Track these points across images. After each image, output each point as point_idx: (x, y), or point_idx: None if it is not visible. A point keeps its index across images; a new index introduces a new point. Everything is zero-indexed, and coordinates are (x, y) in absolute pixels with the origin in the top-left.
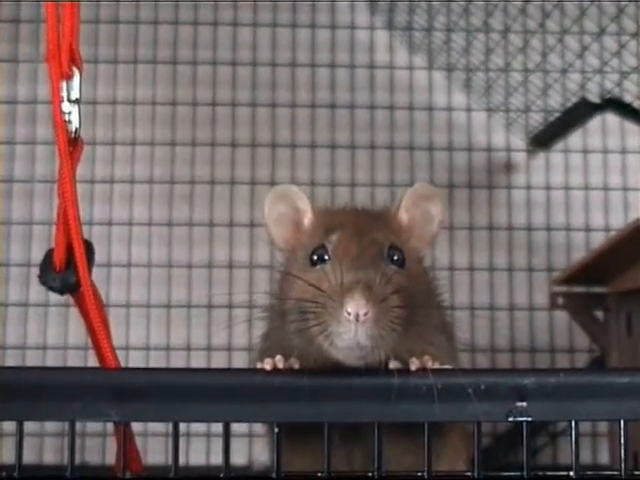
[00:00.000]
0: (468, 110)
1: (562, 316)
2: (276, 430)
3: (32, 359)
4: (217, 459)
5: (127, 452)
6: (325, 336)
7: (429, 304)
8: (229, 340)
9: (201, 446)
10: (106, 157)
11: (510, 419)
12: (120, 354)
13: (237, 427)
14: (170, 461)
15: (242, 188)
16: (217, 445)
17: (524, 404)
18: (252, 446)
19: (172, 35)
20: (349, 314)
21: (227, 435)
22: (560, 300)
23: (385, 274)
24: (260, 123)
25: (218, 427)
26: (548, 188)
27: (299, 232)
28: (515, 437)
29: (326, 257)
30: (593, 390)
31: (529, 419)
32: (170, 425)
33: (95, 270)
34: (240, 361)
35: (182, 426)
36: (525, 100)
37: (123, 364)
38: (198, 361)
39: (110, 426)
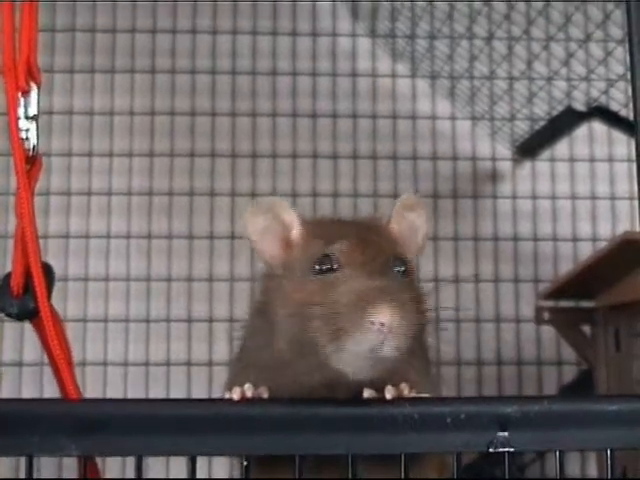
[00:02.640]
0: (452, 118)
1: (549, 328)
2: (244, 463)
3: None
4: None
5: None
6: (337, 343)
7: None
8: (210, 355)
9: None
10: (83, 168)
11: (491, 450)
12: (98, 370)
13: None
14: None
15: (222, 199)
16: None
17: (506, 434)
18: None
19: (150, 44)
20: (373, 323)
21: (193, 467)
22: (546, 315)
23: (402, 285)
24: (240, 133)
25: None
26: (534, 197)
27: (287, 245)
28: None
29: (334, 266)
30: (579, 418)
31: (511, 450)
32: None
33: (72, 284)
34: (222, 376)
35: None
36: (510, 108)
37: (101, 380)
38: (178, 377)
39: None
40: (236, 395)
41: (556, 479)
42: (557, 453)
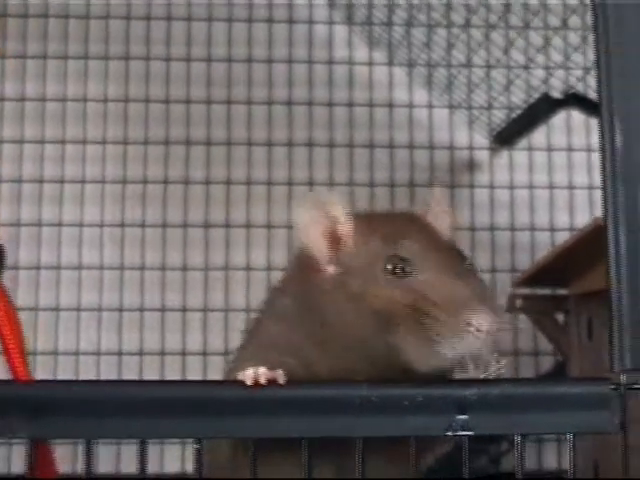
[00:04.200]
0: (430, 107)
1: (526, 318)
2: (196, 447)
3: None
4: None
5: (40, 467)
6: (431, 348)
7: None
8: (183, 345)
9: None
10: (56, 156)
11: (449, 433)
12: (70, 359)
13: None
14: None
15: (197, 188)
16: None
17: (465, 417)
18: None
19: (124, 30)
20: (475, 328)
21: (144, 450)
22: (519, 303)
23: (481, 281)
24: (215, 121)
25: None
26: (512, 187)
27: (336, 240)
28: (476, 443)
29: (406, 266)
30: (540, 402)
31: (470, 433)
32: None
33: (45, 273)
34: (196, 367)
35: None
36: (488, 97)
37: (73, 371)
38: (152, 366)
39: None
40: (249, 380)
41: (537, 468)
42: (518, 437)
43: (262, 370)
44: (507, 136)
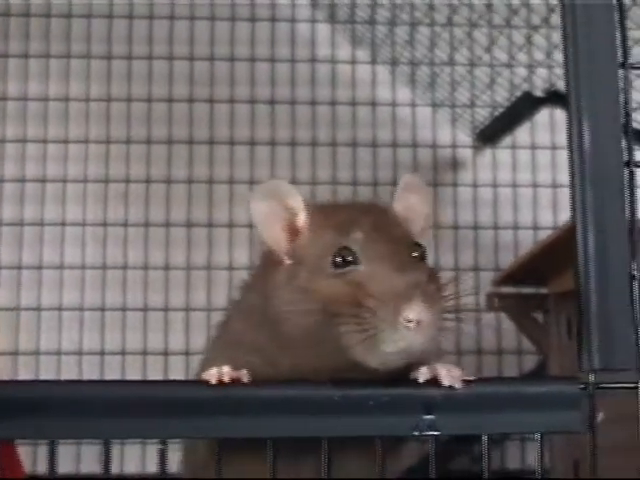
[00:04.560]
0: (413, 105)
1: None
2: (161, 447)
3: None
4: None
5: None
6: (369, 342)
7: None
8: (165, 345)
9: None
10: (38, 156)
11: (416, 433)
12: (52, 359)
13: None
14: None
15: (179, 187)
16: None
17: (432, 417)
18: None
19: (106, 30)
20: (409, 320)
21: (107, 450)
22: (497, 302)
23: (426, 273)
24: (197, 120)
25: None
26: (495, 185)
27: (294, 232)
28: (456, 445)
29: (353, 258)
30: (507, 401)
31: (437, 433)
32: None
33: (26, 272)
34: (179, 367)
35: None
36: (471, 95)
37: (55, 369)
38: (134, 366)
39: None
40: (213, 379)
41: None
42: (485, 437)
43: (226, 369)
44: (490, 134)
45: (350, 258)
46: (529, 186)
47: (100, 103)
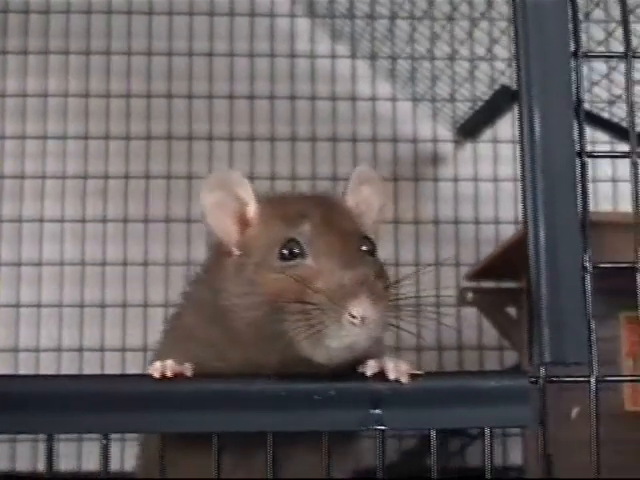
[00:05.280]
0: (393, 100)
1: None
2: (104, 442)
3: None
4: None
5: None
6: (315, 337)
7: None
8: (145, 340)
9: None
10: (16, 152)
11: (363, 428)
12: (31, 356)
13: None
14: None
15: (158, 183)
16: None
17: (379, 412)
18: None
19: (85, 25)
20: (354, 317)
21: (50, 445)
22: (469, 296)
23: (374, 268)
24: (176, 116)
25: None
26: (476, 180)
27: (243, 223)
28: (424, 448)
29: (300, 251)
30: (457, 396)
31: (384, 427)
32: None
33: (5, 269)
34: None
35: None
36: (451, 89)
37: (33, 366)
38: (112, 362)
39: None
40: (156, 372)
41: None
42: (433, 432)
43: (169, 363)
44: (471, 128)
45: (297, 250)
46: (510, 180)
47: (78, 99)
